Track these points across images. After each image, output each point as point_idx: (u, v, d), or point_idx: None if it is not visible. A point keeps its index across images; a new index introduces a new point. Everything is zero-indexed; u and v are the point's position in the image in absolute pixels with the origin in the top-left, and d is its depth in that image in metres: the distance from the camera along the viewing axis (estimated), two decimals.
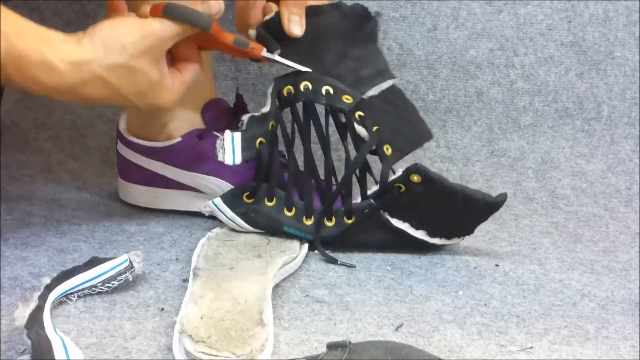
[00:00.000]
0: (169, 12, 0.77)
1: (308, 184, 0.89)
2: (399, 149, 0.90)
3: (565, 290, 0.86)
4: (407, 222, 0.89)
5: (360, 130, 0.88)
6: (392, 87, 0.92)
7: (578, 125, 1.26)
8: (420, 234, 0.90)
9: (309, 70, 0.88)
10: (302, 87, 0.88)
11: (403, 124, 0.92)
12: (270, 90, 0.89)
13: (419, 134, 0.94)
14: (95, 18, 0.72)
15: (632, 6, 1.26)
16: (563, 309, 0.81)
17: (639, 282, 0.89)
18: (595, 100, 1.26)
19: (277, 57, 0.86)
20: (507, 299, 0.83)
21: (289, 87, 0.88)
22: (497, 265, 0.91)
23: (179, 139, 0.96)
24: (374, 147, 0.88)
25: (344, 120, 0.89)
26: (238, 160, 0.85)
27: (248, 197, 0.88)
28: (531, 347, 0.73)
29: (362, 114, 0.89)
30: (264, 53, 0.85)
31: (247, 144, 0.85)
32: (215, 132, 0.96)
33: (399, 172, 0.87)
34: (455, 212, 0.88)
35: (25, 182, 1.08)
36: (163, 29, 0.77)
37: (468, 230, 0.92)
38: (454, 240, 0.92)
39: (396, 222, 0.89)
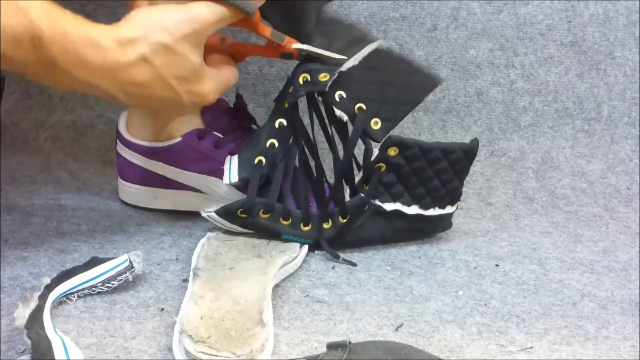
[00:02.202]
0: None
1: (305, 194, 0.89)
2: (389, 118, 0.88)
3: (565, 290, 0.86)
4: (398, 201, 0.89)
5: (342, 115, 0.87)
6: (376, 52, 0.89)
7: (578, 125, 1.26)
8: (414, 210, 0.90)
9: (345, 57, 0.86)
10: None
11: (392, 88, 0.89)
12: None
13: (416, 90, 0.91)
14: (95, 18, 0.71)
15: (632, 6, 1.26)
16: (563, 309, 0.81)
17: (639, 282, 0.89)
18: (595, 100, 1.27)
19: (311, 48, 0.85)
20: (507, 299, 0.83)
21: (305, 75, 0.88)
22: (497, 265, 0.91)
23: (179, 139, 0.96)
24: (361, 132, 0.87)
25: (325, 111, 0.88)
26: (233, 180, 0.87)
27: (242, 212, 0.88)
28: (531, 347, 0.73)
29: (342, 94, 0.87)
30: (298, 45, 0.85)
31: (242, 165, 0.88)
32: (215, 132, 0.96)
33: (376, 152, 0.87)
34: (439, 172, 0.89)
35: (25, 182, 1.08)
36: (209, 13, 0.75)
37: (457, 191, 0.92)
38: (448, 209, 0.93)
39: (388, 206, 0.89)
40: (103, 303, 0.76)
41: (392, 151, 0.87)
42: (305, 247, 0.89)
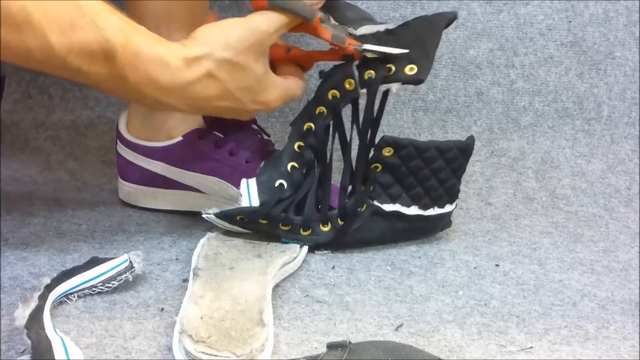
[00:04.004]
0: (275, 3, 0.78)
1: (312, 208, 0.89)
2: (422, 57, 0.86)
3: (565, 290, 0.86)
4: (397, 202, 0.89)
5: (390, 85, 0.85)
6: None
7: (578, 125, 1.26)
8: (414, 210, 0.90)
9: (406, 51, 0.85)
10: (347, 85, 0.86)
11: (413, 38, 0.86)
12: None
13: (434, 21, 0.89)
14: None
15: (632, 6, 1.26)
16: (563, 309, 0.81)
17: (639, 282, 0.89)
18: (595, 100, 1.27)
19: (372, 47, 0.84)
20: (507, 299, 0.83)
21: (334, 91, 0.87)
22: (497, 265, 0.91)
23: (180, 139, 0.96)
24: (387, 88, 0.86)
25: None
26: (254, 204, 0.87)
27: (241, 218, 0.88)
28: (531, 347, 0.73)
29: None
30: (358, 46, 0.84)
31: (262, 188, 0.87)
32: (215, 132, 0.96)
33: (371, 153, 0.87)
34: (435, 171, 0.89)
35: (25, 182, 1.08)
36: (268, 22, 0.78)
37: (455, 189, 0.92)
38: (448, 208, 0.93)
39: (387, 207, 0.89)
40: (103, 303, 0.76)
41: (387, 151, 0.87)
42: (305, 247, 0.89)
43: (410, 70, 0.85)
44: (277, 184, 0.88)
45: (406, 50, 0.84)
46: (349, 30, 0.85)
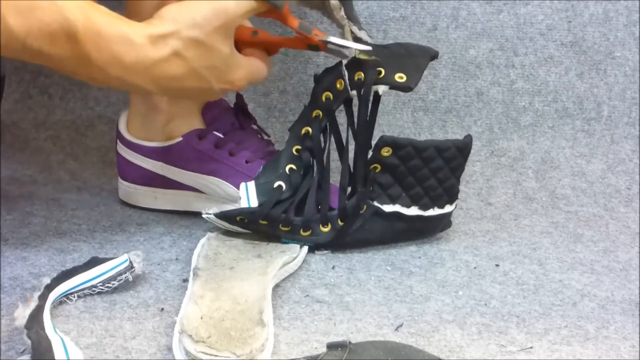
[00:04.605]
0: None
1: (310, 206, 0.89)
2: (413, 70, 0.87)
3: (565, 290, 0.86)
4: (397, 203, 0.89)
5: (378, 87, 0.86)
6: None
7: (578, 125, 1.26)
8: (414, 211, 0.90)
9: (369, 47, 0.85)
10: (338, 85, 0.87)
11: (404, 53, 0.89)
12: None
13: (424, 50, 0.91)
14: None
15: (632, 6, 1.26)
16: (563, 309, 0.81)
17: (639, 282, 0.89)
18: (595, 100, 1.27)
19: (337, 40, 0.84)
20: (507, 299, 0.83)
21: (327, 93, 0.88)
22: (497, 265, 0.91)
23: (180, 139, 0.96)
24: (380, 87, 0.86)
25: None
26: (253, 204, 0.87)
27: (241, 219, 0.88)
28: (531, 347, 0.73)
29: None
30: (324, 37, 0.84)
31: (261, 190, 0.88)
32: (215, 132, 0.96)
33: (370, 154, 0.88)
34: (435, 170, 0.89)
35: (25, 182, 1.08)
36: (236, 5, 0.77)
37: (454, 189, 0.92)
38: (448, 208, 0.93)
39: (387, 207, 0.89)
40: (103, 303, 0.76)
41: (386, 151, 0.87)
42: (305, 247, 0.89)
43: (400, 78, 0.86)
44: (275, 185, 0.88)
45: (369, 48, 0.85)
46: (352, 28, 0.85)
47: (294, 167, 0.89)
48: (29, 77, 1.23)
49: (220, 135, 0.96)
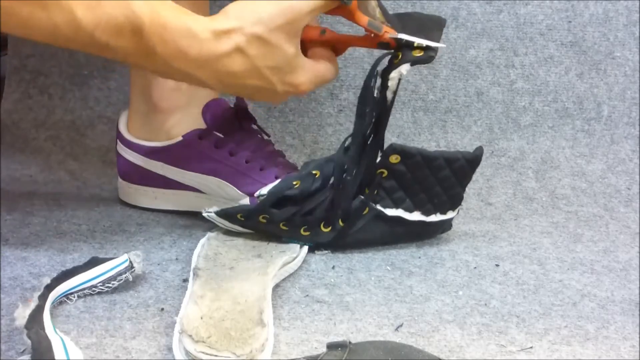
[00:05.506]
0: None
1: (319, 216, 0.89)
2: (430, 38, 0.84)
3: (565, 290, 0.86)
4: (400, 207, 0.89)
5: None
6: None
7: (578, 125, 1.26)
8: (416, 216, 0.90)
9: (443, 45, 0.84)
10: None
11: (417, 26, 0.86)
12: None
13: (435, 20, 0.89)
14: None
15: (632, 6, 1.26)
16: (563, 309, 0.81)
17: (639, 282, 0.89)
18: (595, 100, 1.27)
19: (409, 37, 0.82)
20: (507, 299, 0.83)
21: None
22: (497, 265, 0.91)
23: (180, 139, 0.96)
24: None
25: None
26: (263, 191, 0.87)
27: (242, 217, 0.88)
28: (531, 347, 0.73)
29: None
30: (395, 35, 0.81)
31: (277, 186, 0.88)
32: (215, 132, 0.96)
33: (378, 158, 0.87)
34: (441, 180, 0.89)
35: (25, 182, 1.08)
36: (303, 3, 0.76)
37: (459, 196, 0.92)
38: (450, 214, 0.93)
39: (390, 211, 0.89)
40: (103, 303, 0.76)
41: (394, 159, 0.87)
42: (306, 247, 0.89)
43: (418, 52, 0.83)
44: (313, 171, 0.88)
45: (443, 45, 0.83)
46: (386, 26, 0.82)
47: (297, 183, 0.88)
48: (29, 77, 1.23)
49: (220, 135, 0.96)
